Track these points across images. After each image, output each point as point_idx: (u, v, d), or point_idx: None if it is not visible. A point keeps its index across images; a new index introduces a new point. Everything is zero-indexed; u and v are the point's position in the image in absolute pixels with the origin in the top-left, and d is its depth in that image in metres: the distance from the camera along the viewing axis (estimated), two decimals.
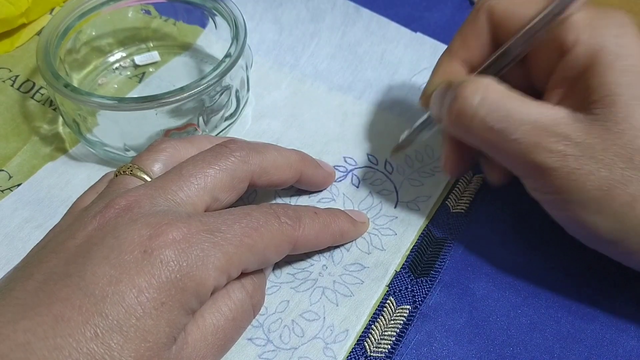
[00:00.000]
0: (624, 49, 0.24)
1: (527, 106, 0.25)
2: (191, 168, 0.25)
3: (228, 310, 0.24)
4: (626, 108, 0.23)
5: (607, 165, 0.24)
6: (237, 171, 0.26)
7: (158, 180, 0.25)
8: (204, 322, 0.23)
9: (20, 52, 0.40)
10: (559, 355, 0.27)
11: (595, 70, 0.24)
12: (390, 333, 0.27)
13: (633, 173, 0.23)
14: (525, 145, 0.25)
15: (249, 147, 0.28)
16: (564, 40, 0.25)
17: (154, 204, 0.23)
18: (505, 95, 0.25)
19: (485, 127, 0.25)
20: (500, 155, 0.26)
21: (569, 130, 0.24)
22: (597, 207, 0.24)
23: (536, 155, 0.24)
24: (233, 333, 0.25)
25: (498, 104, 0.25)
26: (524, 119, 0.25)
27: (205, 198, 0.25)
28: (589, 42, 0.25)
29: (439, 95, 0.28)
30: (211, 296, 0.23)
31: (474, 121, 0.26)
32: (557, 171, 0.24)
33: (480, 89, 0.26)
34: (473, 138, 0.27)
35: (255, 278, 0.26)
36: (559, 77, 0.26)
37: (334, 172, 0.33)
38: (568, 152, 0.24)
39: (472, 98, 0.26)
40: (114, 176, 0.26)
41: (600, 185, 0.24)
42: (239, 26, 0.34)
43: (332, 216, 0.29)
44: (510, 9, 0.27)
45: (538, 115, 0.24)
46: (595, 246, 0.26)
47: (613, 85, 0.24)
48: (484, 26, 0.28)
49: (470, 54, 0.29)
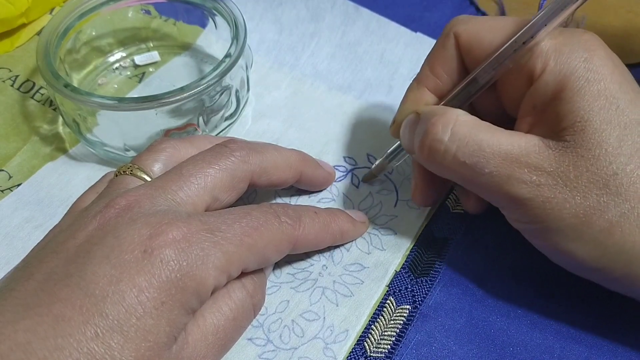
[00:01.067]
0: (593, 73, 0.24)
1: (497, 137, 0.25)
2: (191, 168, 0.25)
3: (228, 310, 0.24)
4: (598, 133, 0.23)
5: (581, 193, 0.23)
6: (237, 171, 0.26)
7: (158, 180, 0.25)
8: (204, 322, 0.23)
9: (20, 52, 0.40)
10: (559, 355, 0.27)
11: (564, 97, 0.24)
12: (390, 333, 0.27)
13: (609, 199, 0.23)
14: (498, 178, 0.24)
15: (249, 147, 0.28)
16: (532, 67, 0.25)
17: (154, 204, 0.23)
18: (475, 128, 0.25)
19: (457, 162, 0.25)
20: (474, 188, 0.26)
21: (541, 160, 0.24)
22: (575, 234, 0.24)
23: (510, 187, 0.24)
24: (233, 333, 0.25)
25: (468, 138, 0.25)
26: (495, 151, 0.24)
27: (205, 198, 0.25)
28: (557, 68, 0.24)
29: (408, 126, 0.28)
30: (211, 296, 0.23)
31: (445, 157, 0.25)
32: (532, 201, 0.24)
33: (450, 123, 0.25)
34: (446, 173, 0.26)
35: (255, 278, 0.26)
36: (529, 104, 0.26)
37: (334, 172, 0.33)
38: (541, 182, 0.24)
39: (442, 133, 0.25)
40: (114, 176, 0.26)
41: (576, 213, 0.23)
42: (239, 26, 0.34)
43: (332, 216, 0.29)
44: (477, 36, 0.27)
45: (508, 147, 0.24)
46: (580, 273, 0.26)
47: (583, 110, 0.23)
48: (452, 53, 0.28)
49: (439, 81, 0.29)
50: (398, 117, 0.30)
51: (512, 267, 0.30)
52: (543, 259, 0.30)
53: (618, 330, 0.27)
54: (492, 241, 0.31)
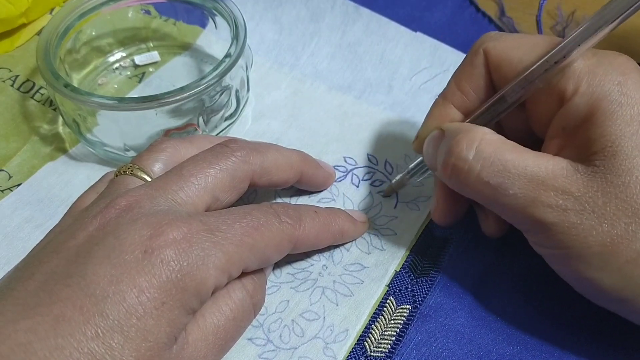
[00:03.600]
0: (627, 97, 0.23)
1: (524, 158, 0.24)
2: (192, 168, 0.25)
3: (229, 310, 0.24)
4: (629, 160, 0.22)
5: (609, 220, 0.23)
6: (238, 171, 0.26)
7: (159, 180, 0.25)
8: (204, 322, 0.23)
9: (20, 52, 0.40)
10: (559, 355, 0.27)
11: (596, 120, 0.23)
12: (390, 333, 0.27)
13: (638, 228, 0.22)
14: (523, 200, 0.24)
15: (250, 146, 0.28)
16: (563, 88, 0.24)
17: (154, 204, 0.23)
18: (501, 148, 0.24)
19: (481, 182, 0.24)
20: (497, 209, 0.25)
21: (568, 184, 0.23)
22: (600, 263, 0.23)
23: (534, 210, 0.23)
24: (234, 332, 0.25)
25: (493, 158, 0.24)
26: (521, 172, 0.24)
27: (205, 198, 0.25)
28: (589, 90, 0.23)
29: (431, 142, 0.28)
30: (212, 296, 0.23)
31: (469, 177, 0.25)
32: (557, 226, 0.23)
33: (475, 141, 0.25)
34: (469, 192, 0.26)
35: (255, 278, 0.26)
36: (558, 126, 0.25)
37: (334, 172, 0.33)
38: (568, 207, 0.23)
39: (466, 152, 0.25)
40: (114, 176, 0.26)
41: (602, 241, 0.23)
42: (239, 26, 0.34)
43: (332, 215, 0.29)
44: (506, 53, 0.26)
45: (535, 169, 0.23)
46: (603, 304, 0.25)
47: (614, 135, 0.23)
48: (480, 70, 0.27)
49: (465, 98, 0.28)
50: (422, 132, 0.29)
51: (512, 267, 0.30)
52: (543, 260, 0.30)
53: (618, 330, 0.27)
54: (492, 241, 0.31)
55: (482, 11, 0.43)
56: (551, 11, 0.44)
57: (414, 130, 0.35)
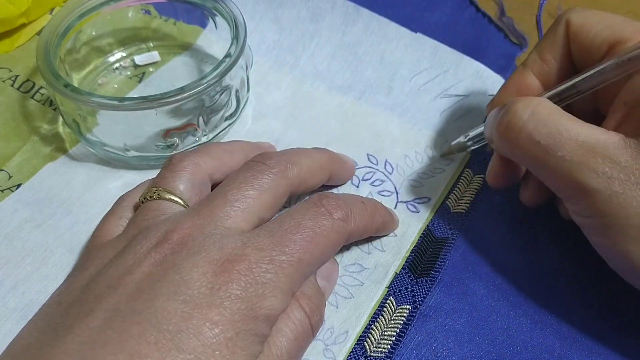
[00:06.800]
0: None
1: (577, 126, 0.24)
2: (235, 192, 0.25)
3: (289, 331, 0.24)
4: None
5: None
6: (279, 188, 0.26)
7: (204, 208, 0.25)
8: (269, 347, 0.23)
9: (20, 52, 0.39)
10: (559, 355, 0.27)
11: None
12: (390, 333, 0.27)
13: None
14: (570, 163, 0.24)
15: (285, 159, 0.27)
16: None
17: (205, 234, 0.23)
18: (556, 114, 0.25)
19: (531, 141, 0.25)
20: (543, 172, 0.26)
21: (617, 154, 0.23)
22: (638, 235, 0.23)
23: (580, 175, 0.24)
24: (297, 352, 0.24)
25: (547, 120, 0.25)
26: (572, 137, 0.24)
27: (253, 220, 0.25)
28: None
29: (493, 116, 0.28)
30: None
31: (521, 135, 0.25)
32: (600, 193, 0.23)
33: (531, 104, 0.26)
34: (519, 152, 0.26)
35: (313, 299, 0.25)
36: (621, 101, 0.26)
37: (353, 162, 0.33)
38: (613, 175, 0.23)
39: (522, 112, 0.26)
40: (140, 202, 0.26)
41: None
42: (239, 26, 0.34)
43: (376, 206, 0.29)
44: (585, 25, 0.27)
45: (587, 137, 0.24)
46: (633, 281, 0.25)
47: None
48: (561, 39, 0.28)
49: (545, 66, 0.29)
50: (497, 97, 0.30)
51: (512, 267, 0.30)
52: (543, 259, 0.30)
53: (618, 330, 0.27)
54: (492, 241, 0.31)
55: (482, 11, 0.43)
56: (551, 11, 0.44)
57: (414, 131, 0.36)
